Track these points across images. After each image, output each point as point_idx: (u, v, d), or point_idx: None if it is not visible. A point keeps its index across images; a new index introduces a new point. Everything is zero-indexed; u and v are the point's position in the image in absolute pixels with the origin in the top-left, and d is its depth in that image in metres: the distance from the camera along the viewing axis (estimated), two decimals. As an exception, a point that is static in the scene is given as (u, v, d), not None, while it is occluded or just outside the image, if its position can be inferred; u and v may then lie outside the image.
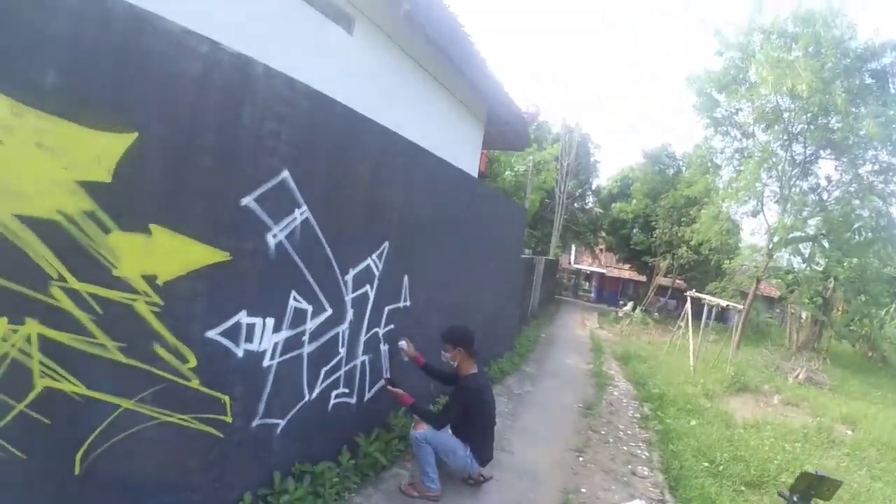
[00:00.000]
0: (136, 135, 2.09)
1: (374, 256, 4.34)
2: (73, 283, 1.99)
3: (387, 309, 4.72)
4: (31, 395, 1.91)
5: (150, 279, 2.34)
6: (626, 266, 34.06)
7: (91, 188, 1.98)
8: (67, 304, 1.99)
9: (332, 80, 4.60)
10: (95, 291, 2.10)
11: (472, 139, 9.83)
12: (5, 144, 1.63)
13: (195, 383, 2.70)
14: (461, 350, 4.55)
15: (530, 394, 8.22)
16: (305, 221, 3.36)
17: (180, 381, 2.61)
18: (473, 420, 4.44)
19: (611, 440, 6.55)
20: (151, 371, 2.44)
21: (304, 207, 3.32)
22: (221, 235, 2.73)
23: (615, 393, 9.41)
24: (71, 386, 2.05)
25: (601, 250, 37.11)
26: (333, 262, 3.78)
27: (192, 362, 2.66)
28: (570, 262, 38.70)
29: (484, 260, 7.62)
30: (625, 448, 6.32)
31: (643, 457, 6.10)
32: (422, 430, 4.35)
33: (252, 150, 2.82)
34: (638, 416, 8.01)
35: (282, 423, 3.55)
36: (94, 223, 2.02)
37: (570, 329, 18.40)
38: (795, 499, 2.76)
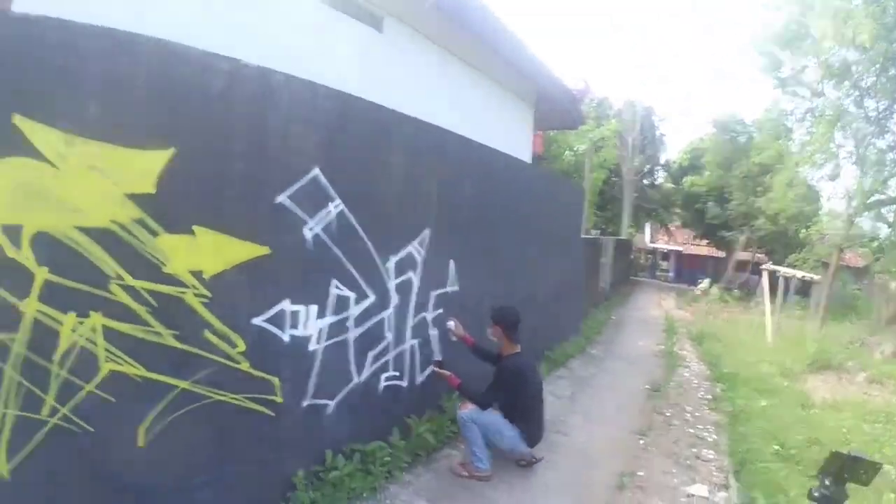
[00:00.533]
0: (172, 150, 2.45)
1: (415, 243, 4.62)
2: (129, 280, 2.38)
3: (433, 294, 4.99)
4: (98, 377, 2.32)
5: (196, 274, 2.71)
6: (704, 242, 32.96)
7: (138, 199, 2.36)
8: (125, 298, 2.38)
9: (366, 78, 4.90)
10: (149, 287, 2.48)
11: (520, 122, 9.92)
12: (61, 169, 2.02)
13: (245, 366, 3.06)
14: (500, 329, 4.73)
15: (594, 376, 8.26)
16: (340, 214, 3.67)
17: (231, 363, 2.98)
18: (517, 400, 4.60)
19: (676, 423, 6.49)
20: (204, 355, 2.82)
21: (338, 201, 3.63)
22: (260, 231, 3.08)
23: (685, 374, 9.25)
24: (132, 369, 2.44)
25: (676, 227, 36.12)
26: (372, 251, 4.08)
27: (241, 347, 3.02)
28: (645, 242, 37.83)
29: (539, 243, 7.78)
30: (691, 431, 6.25)
31: (710, 440, 6.03)
32: (467, 409, 4.56)
33: (281, 152, 3.17)
34: (708, 397, 7.86)
35: (331, 403, 3.89)
36: (144, 228, 2.40)
37: (643, 310, 18.12)
38: (827, 482, 2.40)
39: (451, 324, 5.06)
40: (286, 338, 3.37)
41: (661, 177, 33.83)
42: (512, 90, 9.19)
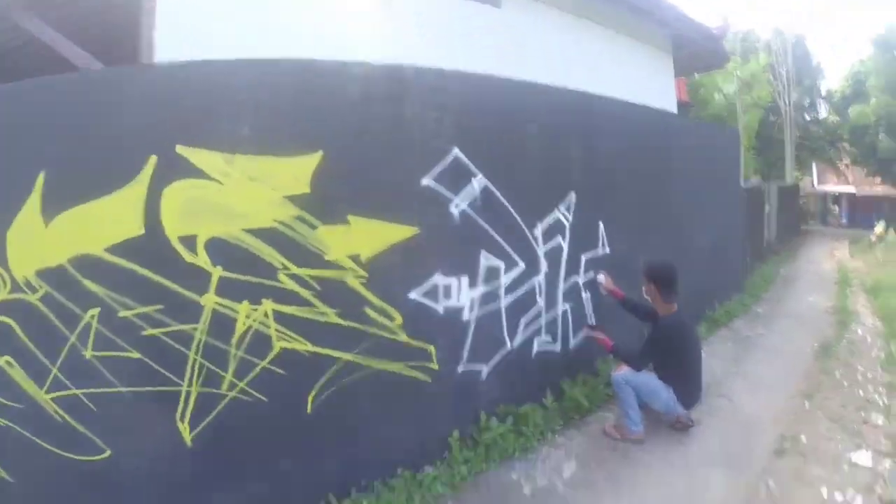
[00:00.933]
0: (320, 153, 2.79)
1: (561, 208, 4.68)
2: (295, 269, 2.79)
3: (583, 257, 5.05)
4: (271, 355, 2.78)
5: (354, 258, 3.06)
6: (877, 181, 28.41)
7: (296, 199, 2.74)
8: (292, 285, 2.79)
9: (492, 54, 4.97)
10: (313, 273, 2.88)
11: (659, 70, 9.29)
12: (225, 184, 2.44)
13: (403, 337, 3.41)
14: (655, 286, 4.59)
15: (760, 336, 7.79)
16: (484, 188, 3.85)
17: (389, 335, 3.34)
18: (674, 360, 4.51)
19: (845, 384, 5.97)
20: (364, 329, 3.19)
21: (480, 175, 3.80)
22: (409, 213, 3.36)
23: (859, 331, 8.37)
24: (301, 345, 2.88)
25: (846, 166, 31.46)
26: (518, 220, 4.23)
27: (399, 320, 3.36)
28: (813, 186, 33.61)
29: (692, 196, 7.39)
30: (860, 393, 5.73)
31: (880, 404, 5.51)
32: (622, 371, 4.58)
33: (420, 137, 3.42)
34: (882, 356, 7.10)
35: (486, 368, 4.17)
36: (304, 224, 2.78)
37: (814, 263, 16.44)
38: None
39: (601, 277, 5.04)
40: (440, 309, 3.66)
41: (823, 110, 29.56)
42: (646, 39, 8.64)
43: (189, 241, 2.35)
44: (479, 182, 3.80)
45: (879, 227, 21.67)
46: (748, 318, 8.80)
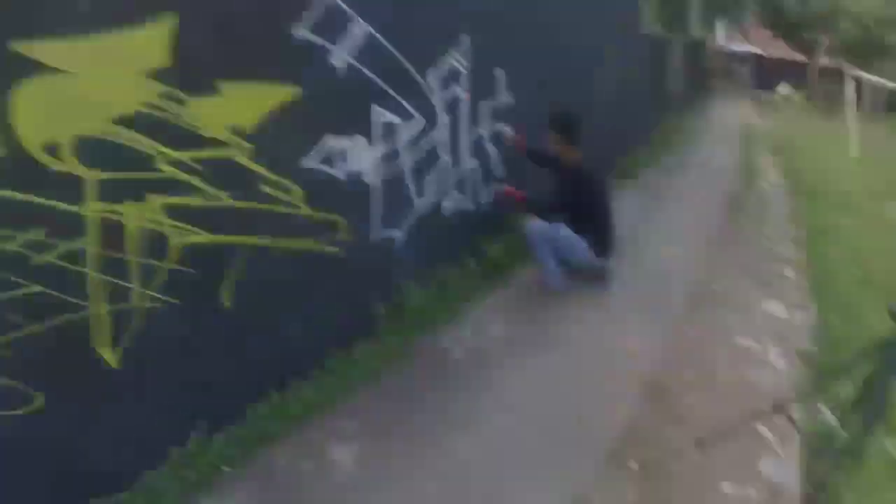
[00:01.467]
0: (174, 15, 2.51)
1: (454, 54, 4.64)
2: (173, 154, 2.67)
3: (485, 108, 5.14)
4: (172, 253, 2.68)
5: (235, 130, 2.92)
6: (784, 45, 30.96)
7: (158, 74, 2.50)
8: (175, 172, 2.68)
9: None
10: (194, 155, 2.76)
11: None
12: (78, 73, 2.19)
13: (306, 210, 3.39)
14: (559, 136, 4.85)
15: (667, 188, 8.48)
16: (366, 34, 3.68)
17: (291, 210, 3.30)
18: (584, 209, 4.83)
19: (754, 238, 6.68)
20: (264, 207, 3.14)
21: (359, 20, 3.61)
22: (286, 71, 3.20)
23: (764, 186, 9.37)
24: (201, 237, 2.83)
25: (753, 27, 33.80)
26: (409, 68, 4.16)
27: (298, 192, 3.31)
28: (720, 44, 35.52)
29: (594, 45, 7.63)
30: (769, 246, 6.45)
31: (788, 257, 6.22)
32: (535, 224, 4.87)
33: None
34: (788, 212, 7.99)
35: (400, 234, 4.29)
36: (172, 100, 2.62)
37: (719, 119, 18.12)
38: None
39: (507, 129, 5.24)
40: (339, 174, 3.64)
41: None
42: None
43: (54, 148, 2.22)
44: (359, 27, 3.66)
45: (785, 89, 23.40)
46: (655, 171, 9.43)
